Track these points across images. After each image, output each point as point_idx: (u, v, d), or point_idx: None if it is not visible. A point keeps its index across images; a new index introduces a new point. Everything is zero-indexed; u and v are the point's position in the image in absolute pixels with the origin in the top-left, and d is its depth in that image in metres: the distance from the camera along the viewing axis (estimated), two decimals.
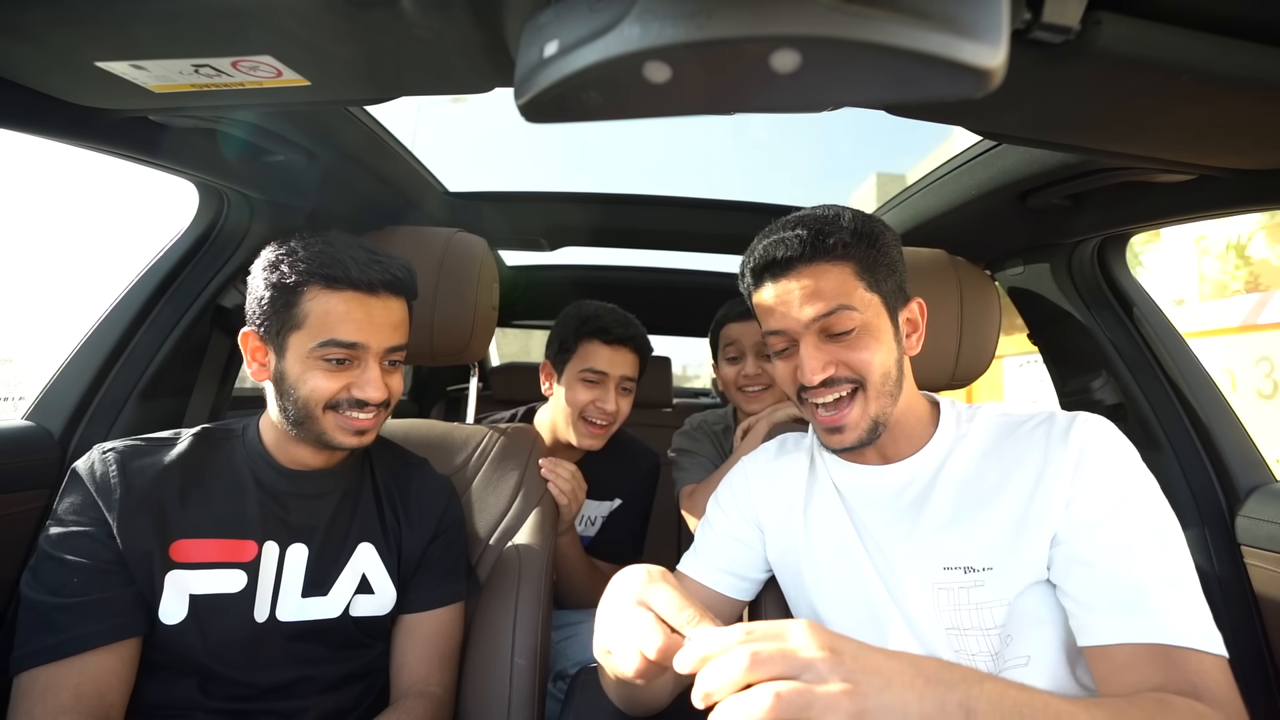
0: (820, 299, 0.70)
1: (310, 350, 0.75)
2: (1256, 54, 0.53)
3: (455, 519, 0.95)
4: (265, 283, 0.76)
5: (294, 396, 0.77)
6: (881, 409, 0.72)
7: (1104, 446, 0.66)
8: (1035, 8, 0.47)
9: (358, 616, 0.83)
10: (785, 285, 0.72)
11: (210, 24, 0.53)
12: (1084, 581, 0.61)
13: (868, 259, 0.71)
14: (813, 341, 0.72)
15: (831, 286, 0.70)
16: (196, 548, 0.76)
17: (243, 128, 0.87)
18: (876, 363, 0.71)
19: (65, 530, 0.72)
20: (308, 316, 0.75)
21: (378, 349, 0.79)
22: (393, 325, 0.80)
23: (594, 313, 1.25)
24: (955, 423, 0.77)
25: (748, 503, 0.87)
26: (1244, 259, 7.91)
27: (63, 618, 0.68)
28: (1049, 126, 0.70)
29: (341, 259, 0.76)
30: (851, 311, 0.70)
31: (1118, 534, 0.61)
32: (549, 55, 0.38)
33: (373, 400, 0.79)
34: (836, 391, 0.72)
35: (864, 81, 0.36)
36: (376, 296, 0.78)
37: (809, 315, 0.70)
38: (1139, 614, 0.57)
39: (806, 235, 0.70)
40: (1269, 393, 3.97)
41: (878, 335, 0.71)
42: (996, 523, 0.68)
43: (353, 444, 0.80)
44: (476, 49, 0.56)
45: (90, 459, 0.76)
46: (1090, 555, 0.62)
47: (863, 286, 0.71)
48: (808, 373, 0.71)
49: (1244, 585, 0.99)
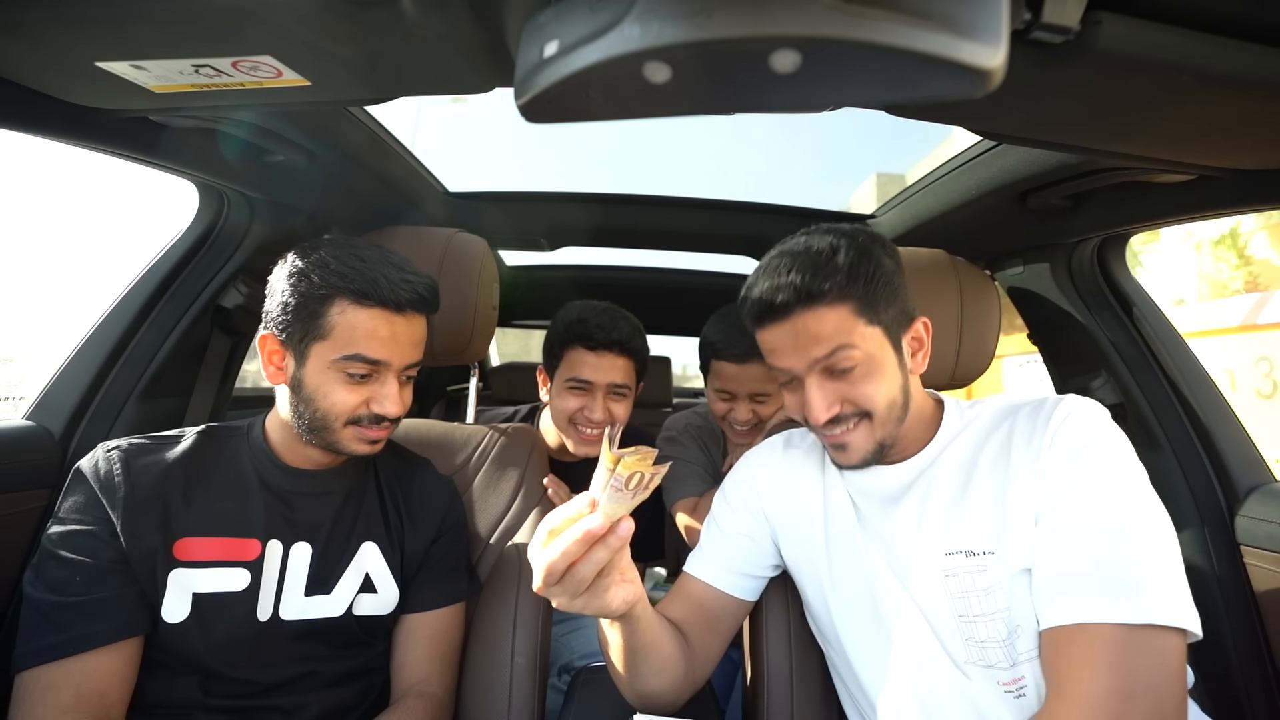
0: (819, 343, 0.70)
1: (333, 362, 0.76)
2: (1256, 54, 0.53)
3: (457, 520, 0.95)
4: (292, 289, 0.76)
5: (314, 406, 0.77)
6: (887, 434, 0.73)
7: (1077, 424, 0.67)
8: (1035, 8, 0.47)
9: (361, 615, 0.84)
10: (783, 330, 0.72)
11: (210, 24, 0.53)
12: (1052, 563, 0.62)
13: (866, 295, 0.70)
14: (816, 381, 0.72)
15: (829, 329, 0.69)
16: (200, 546, 0.76)
17: (243, 128, 0.87)
18: (881, 395, 0.71)
19: (68, 529, 0.72)
20: (334, 329, 0.75)
21: (399, 366, 0.80)
22: (414, 343, 0.82)
23: (578, 317, 1.17)
24: (959, 418, 0.78)
25: (754, 498, 0.87)
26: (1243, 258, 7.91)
27: (65, 616, 0.68)
28: (1049, 127, 0.70)
29: (373, 276, 0.76)
30: (852, 350, 0.70)
31: (1088, 515, 0.62)
32: (549, 55, 0.38)
33: (391, 415, 0.80)
34: (843, 425, 0.73)
35: (864, 82, 0.36)
36: (403, 315, 0.79)
37: (809, 359, 0.71)
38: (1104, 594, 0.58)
39: (800, 282, 0.69)
40: (1268, 393, 3.97)
41: (880, 368, 0.71)
42: (989, 505, 0.69)
43: (365, 452, 0.81)
44: (476, 49, 0.56)
45: (94, 457, 0.76)
46: (1058, 537, 0.62)
47: (862, 323, 0.70)
48: (814, 414, 0.72)
49: (1244, 585, 0.99)
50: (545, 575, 0.53)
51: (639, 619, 0.66)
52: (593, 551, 0.52)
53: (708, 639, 0.82)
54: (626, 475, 0.50)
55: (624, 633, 0.68)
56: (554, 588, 0.54)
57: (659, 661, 0.72)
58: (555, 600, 0.56)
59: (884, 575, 0.73)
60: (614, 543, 0.52)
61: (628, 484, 0.51)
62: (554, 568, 0.53)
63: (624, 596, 0.60)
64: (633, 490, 0.51)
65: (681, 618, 0.81)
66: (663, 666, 0.73)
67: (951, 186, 1.11)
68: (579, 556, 0.52)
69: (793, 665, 0.87)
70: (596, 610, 0.58)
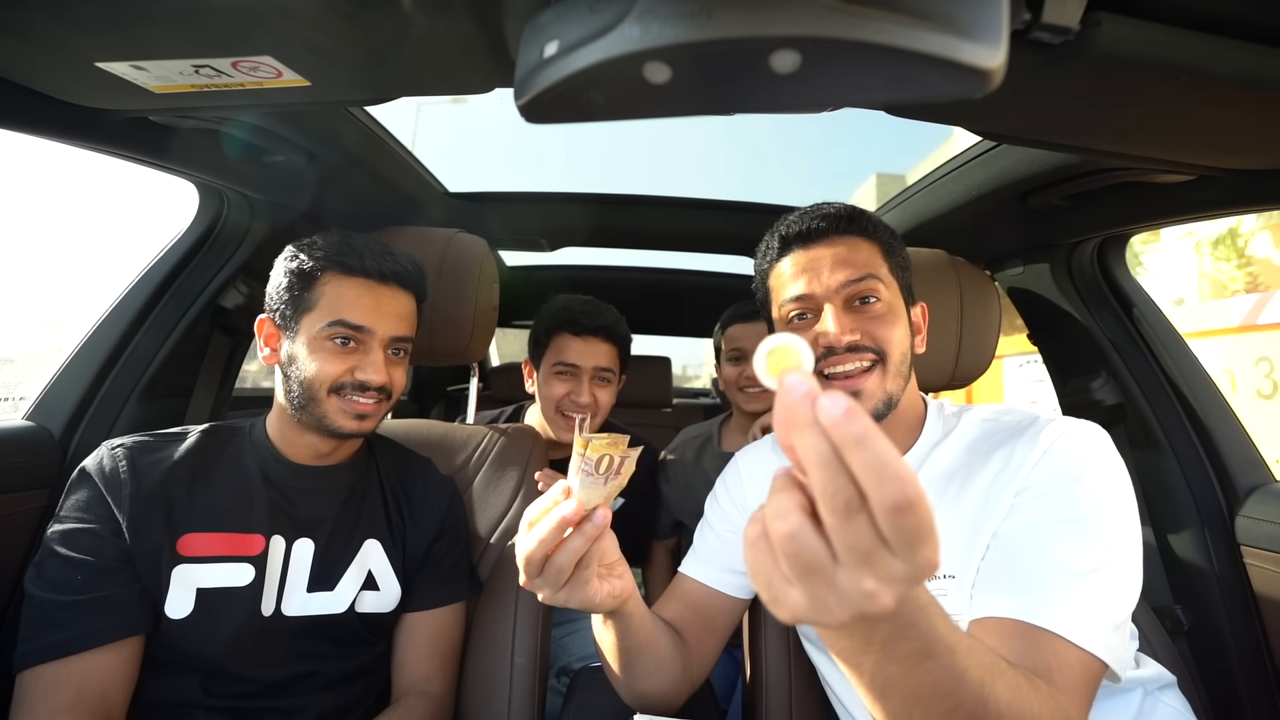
0: (852, 266, 0.72)
1: (319, 330, 0.78)
2: (1256, 54, 0.53)
3: (458, 519, 0.96)
4: (285, 271, 0.81)
5: (300, 377, 0.79)
6: (897, 389, 0.73)
7: (1070, 443, 0.65)
8: (1035, 8, 0.47)
9: (363, 613, 0.84)
10: (817, 252, 0.75)
11: (210, 24, 0.53)
12: (988, 561, 0.62)
13: (891, 247, 0.76)
14: (840, 308, 0.72)
15: (863, 257, 0.73)
16: (204, 541, 0.76)
17: (243, 128, 0.87)
18: (896, 340, 0.72)
19: (70, 527, 0.72)
20: (321, 299, 0.79)
21: (383, 335, 0.82)
22: (399, 315, 0.84)
23: (564, 305, 1.25)
24: (940, 425, 0.78)
25: (740, 496, 0.88)
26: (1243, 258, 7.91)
27: (66, 615, 0.68)
28: (1049, 127, 0.70)
29: (357, 248, 0.81)
30: (879, 283, 0.72)
31: (1037, 522, 0.61)
32: (549, 55, 0.38)
33: (374, 383, 0.81)
34: (858, 360, 0.71)
35: (864, 82, 0.36)
36: (386, 285, 0.83)
37: (839, 279, 0.72)
38: (1021, 594, 0.57)
39: (840, 211, 0.75)
40: (1269, 393, 3.97)
41: (900, 315, 0.74)
42: (957, 526, 0.67)
43: (353, 428, 0.81)
44: (477, 49, 0.56)
45: (99, 456, 0.76)
46: (1003, 538, 0.62)
47: (887, 268, 0.74)
48: (835, 334, 0.70)
49: (1244, 585, 0.99)
50: (525, 565, 0.53)
51: (630, 617, 0.66)
52: (570, 540, 0.52)
53: (704, 638, 0.82)
54: (595, 459, 0.51)
55: (616, 631, 0.67)
56: (536, 580, 0.54)
57: (653, 661, 0.72)
58: (540, 594, 0.56)
59: None
60: (589, 530, 0.52)
61: (598, 468, 0.51)
62: (532, 556, 0.52)
63: (610, 590, 0.60)
64: (604, 475, 0.52)
65: (677, 618, 0.81)
66: (658, 666, 0.72)
67: (951, 187, 1.11)
68: (555, 545, 0.52)
69: (791, 664, 0.87)
70: (581, 603, 0.58)
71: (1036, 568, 0.59)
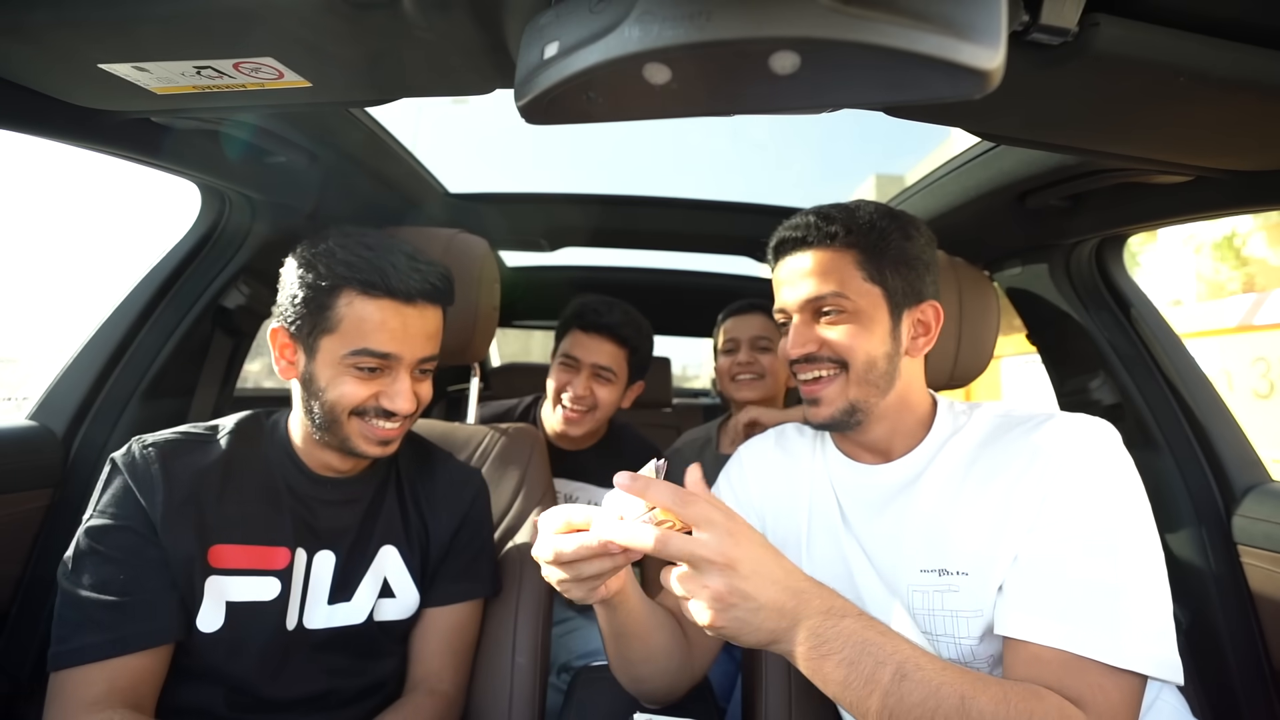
0: (817, 278, 0.74)
1: (342, 357, 0.73)
2: (1254, 56, 0.53)
3: (482, 511, 0.93)
4: (300, 280, 0.73)
5: (322, 400, 0.75)
6: (863, 396, 0.74)
7: (1087, 448, 0.65)
8: (1033, 9, 0.47)
9: (382, 621, 0.82)
10: (791, 263, 0.77)
11: (212, 26, 0.54)
12: (1019, 577, 0.62)
13: (874, 251, 0.74)
14: (802, 320, 0.76)
15: (832, 268, 0.74)
16: (232, 553, 0.74)
17: (244, 129, 0.87)
18: (860, 349, 0.73)
19: (108, 523, 0.69)
20: (341, 321, 0.72)
21: (410, 360, 0.76)
22: (427, 335, 0.78)
23: (582, 303, 1.30)
24: (951, 420, 0.77)
25: (744, 492, 0.88)
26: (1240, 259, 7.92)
27: (107, 615, 0.66)
28: (1047, 128, 0.70)
29: (381, 265, 0.72)
30: (841, 298, 0.73)
31: (1067, 538, 0.61)
32: (549, 57, 0.38)
33: (402, 412, 0.76)
34: (816, 369, 0.75)
35: (863, 83, 0.36)
36: (414, 306, 0.75)
37: (802, 295, 0.75)
38: (1057, 619, 0.58)
39: (814, 221, 0.75)
40: (1265, 393, 3.98)
41: (868, 325, 0.73)
42: (975, 524, 0.67)
43: (376, 453, 0.78)
44: (477, 50, 0.56)
45: (130, 453, 0.73)
46: (1033, 554, 0.62)
47: (861, 276, 0.73)
48: (788, 346, 0.76)
49: (1241, 585, 0.99)
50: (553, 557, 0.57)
51: (619, 608, 0.67)
52: (603, 559, 0.56)
53: (703, 632, 0.82)
54: (661, 518, 0.55)
55: (607, 618, 0.69)
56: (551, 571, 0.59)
57: (645, 650, 0.72)
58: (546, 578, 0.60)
59: (861, 581, 0.73)
60: (620, 561, 0.57)
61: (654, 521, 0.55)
62: (562, 556, 0.56)
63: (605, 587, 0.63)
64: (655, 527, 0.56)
65: (678, 607, 0.81)
66: (650, 655, 0.73)
67: (950, 187, 1.12)
68: (586, 558, 0.56)
69: (790, 663, 0.87)
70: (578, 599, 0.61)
71: (1070, 588, 0.59)
